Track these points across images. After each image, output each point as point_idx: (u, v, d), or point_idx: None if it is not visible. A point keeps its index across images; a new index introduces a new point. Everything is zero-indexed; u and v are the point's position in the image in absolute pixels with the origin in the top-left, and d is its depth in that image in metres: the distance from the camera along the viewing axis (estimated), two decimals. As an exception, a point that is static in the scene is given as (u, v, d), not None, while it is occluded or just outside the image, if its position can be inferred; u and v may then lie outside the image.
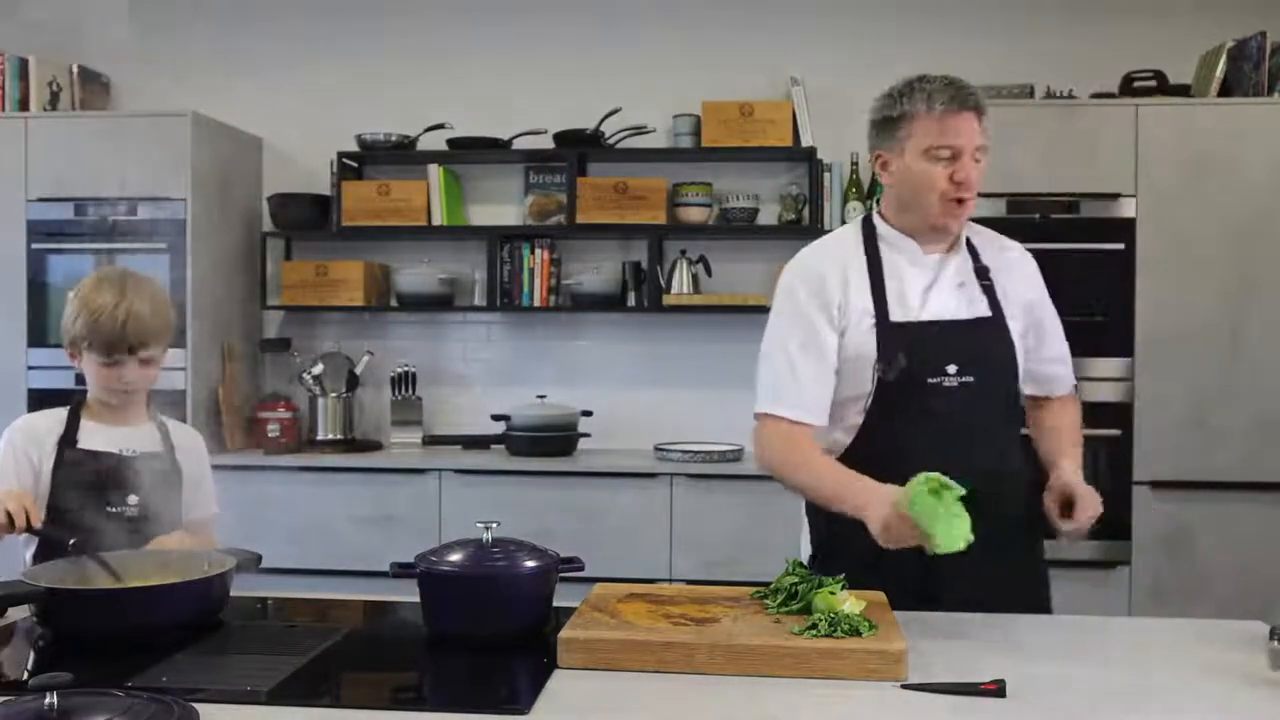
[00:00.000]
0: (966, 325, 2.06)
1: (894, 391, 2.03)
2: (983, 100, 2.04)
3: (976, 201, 2.07)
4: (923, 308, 2.06)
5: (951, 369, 2.01)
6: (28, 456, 2.08)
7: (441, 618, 1.71)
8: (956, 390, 2.02)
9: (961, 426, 2.01)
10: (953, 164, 2.00)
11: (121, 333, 2.07)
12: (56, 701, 1.25)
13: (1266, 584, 3.70)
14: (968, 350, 2.03)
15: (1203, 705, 1.47)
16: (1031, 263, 2.20)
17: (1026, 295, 2.15)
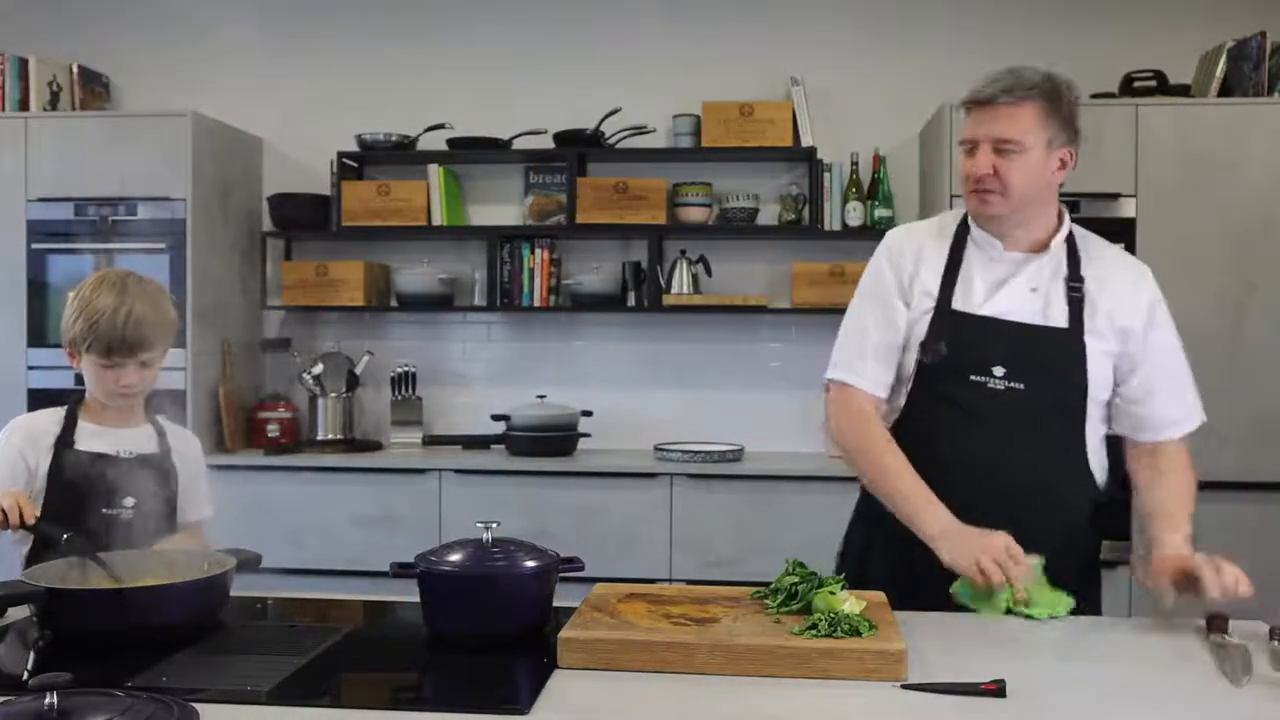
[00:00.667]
0: (1029, 330, 2.00)
1: (934, 380, 2.03)
2: (1021, 90, 1.95)
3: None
4: (984, 303, 2.02)
5: (999, 370, 1.98)
6: (23, 456, 2.08)
7: (441, 618, 1.71)
8: (1002, 393, 1.98)
9: (1001, 432, 1.98)
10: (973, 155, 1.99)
11: (121, 336, 2.06)
12: (56, 701, 1.25)
13: (1266, 584, 3.68)
14: (1022, 355, 1.99)
15: (1202, 705, 1.47)
16: (1148, 289, 2.07)
17: (1126, 319, 2.02)
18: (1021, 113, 1.95)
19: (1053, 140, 1.98)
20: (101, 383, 2.12)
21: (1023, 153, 1.96)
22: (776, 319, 4.39)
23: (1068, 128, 2.00)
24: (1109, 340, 2.02)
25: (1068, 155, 2.02)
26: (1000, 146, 1.96)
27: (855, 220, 4.23)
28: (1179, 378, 2.09)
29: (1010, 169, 1.96)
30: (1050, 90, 1.97)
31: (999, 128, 1.96)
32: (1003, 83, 1.96)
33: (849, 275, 4.19)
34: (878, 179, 4.27)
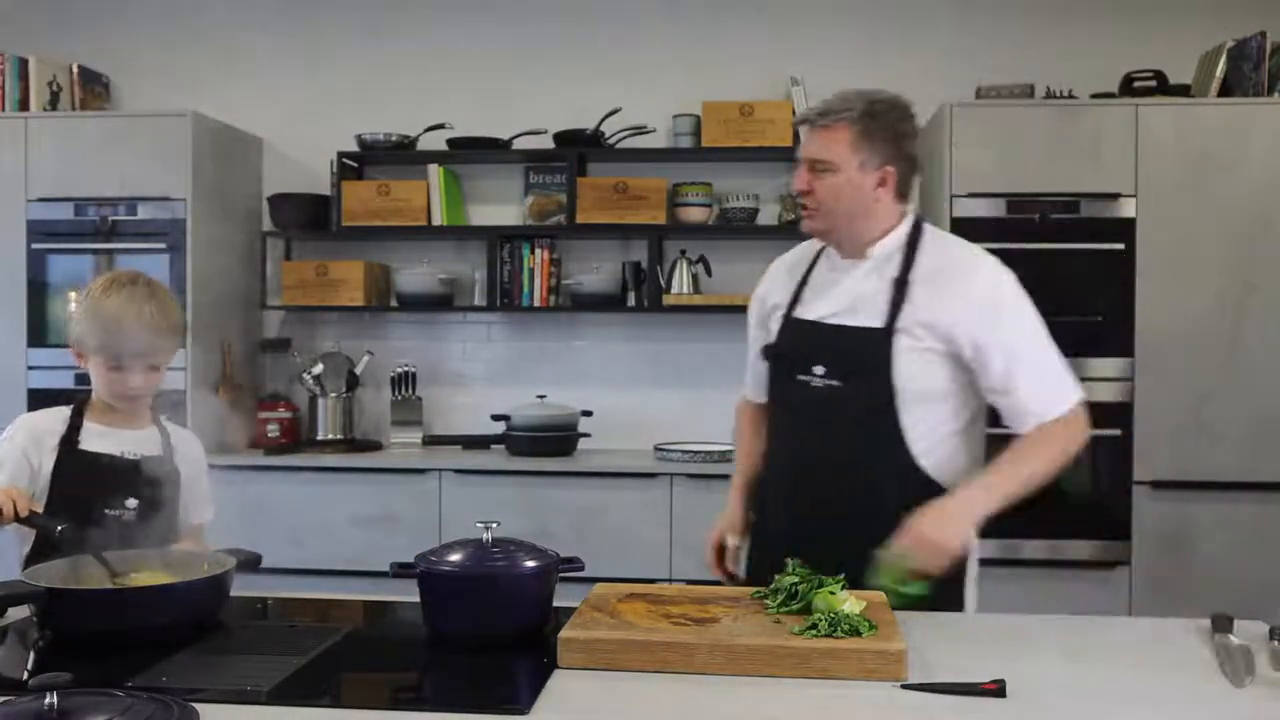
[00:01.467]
0: (844, 330, 2.10)
1: (773, 380, 2.23)
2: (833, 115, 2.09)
3: (978, 201, 2.09)
4: (809, 307, 2.18)
5: (819, 370, 2.11)
6: (26, 455, 2.08)
7: (441, 618, 1.71)
8: (822, 391, 2.10)
9: (821, 427, 2.11)
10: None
11: (130, 339, 2.06)
12: (56, 701, 1.25)
13: (1266, 584, 3.69)
14: (839, 354, 2.10)
15: (1203, 705, 1.47)
16: (982, 287, 2.09)
17: (950, 318, 2.05)
18: (833, 136, 2.08)
19: (866, 162, 2.08)
20: (108, 384, 2.12)
21: (834, 173, 2.08)
22: (776, 319, 4.38)
23: (886, 148, 2.10)
24: (926, 339, 2.05)
25: (888, 174, 2.11)
26: (815, 166, 2.10)
27: (855, 220, 4.23)
28: (1037, 369, 2.10)
29: (822, 187, 2.10)
30: (866, 113, 2.09)
31: (813, 149, 2.11)
32: (821, 106, 2.12)
33: (849, 275, 4.18)
34: (878, 179, 4.26)
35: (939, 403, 2.09)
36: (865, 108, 2.09)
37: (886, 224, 2.14)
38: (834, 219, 2.12)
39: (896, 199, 2.14)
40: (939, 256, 2.13)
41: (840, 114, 2.08)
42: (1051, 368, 2.12)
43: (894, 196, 2.13)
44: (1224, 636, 1.70)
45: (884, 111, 2.11)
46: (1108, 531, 3.83)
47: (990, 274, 2.12)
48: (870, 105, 2.10)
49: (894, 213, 2.15)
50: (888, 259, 2.12)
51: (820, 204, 2.10)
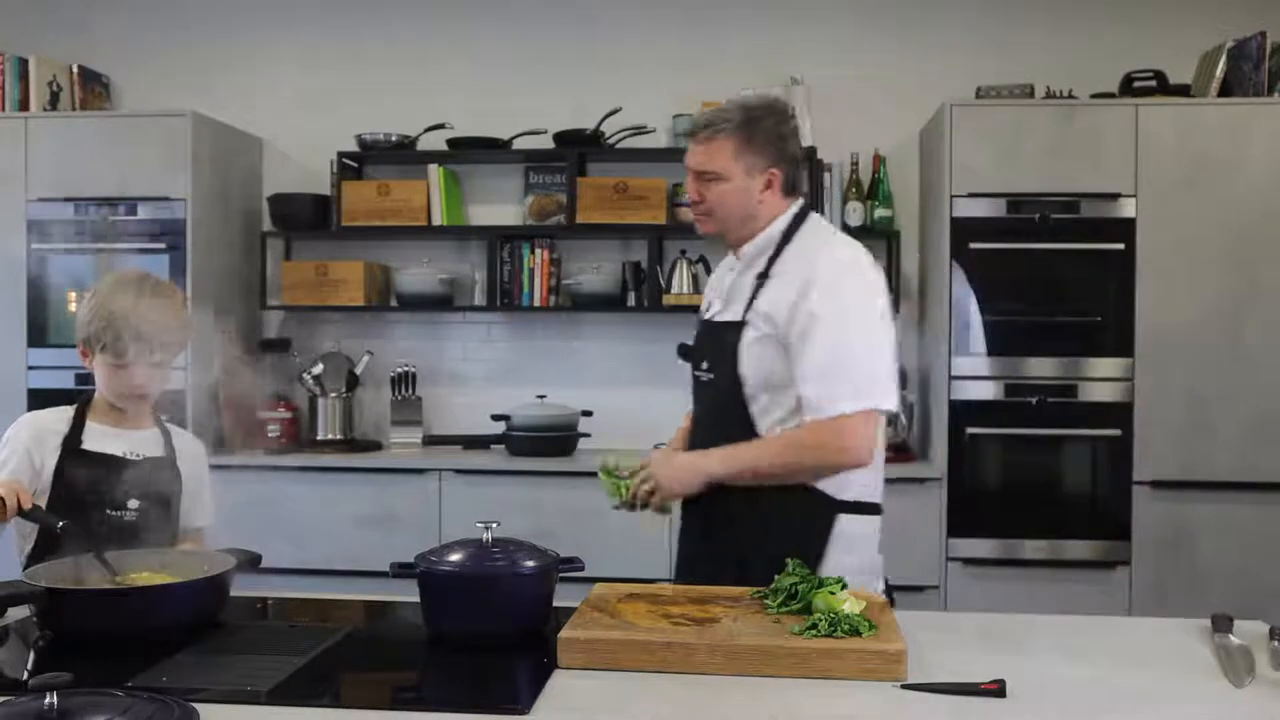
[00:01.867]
0: (716, 326, 2.24)
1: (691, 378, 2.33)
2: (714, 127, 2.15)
3: (978, 201, 2.10)
4: (709, 303, 2.33)
5: (705, 364, 2.24)
6: (29, 454, 2.08)
7: (441, 618, 1.71)
8: (705, 384, 2.24)
9: (705, 419, 2.26)
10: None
11: (136, 335, 2.07)
12: (56, 701, 1.25)
13: (1266, 584, 3.70)
14: (712, 349, 2.22)
15: (1203, 705, 1.47)
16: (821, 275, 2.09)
17: (780, 307, 2.09)
18: (716, 147, 2.16)
19: (751, 167, 2.16)
20: (113, 382, 2.12)
21: (721, 181, 2.17)
22: (776, 319, 4.38)
23: (769, 152, 2.17)
24: (764, 327, 2.12)
25: (773, 176, 2.18)
26: (703, 175, 2.18)
27: (855, 220, 4.23)
28: (827, 364, 2.05)
29: (711, 195, 2.18)
30: (746, 122, 2.15)
31: (698, 160, 2.19)
32: (703, 119, 2.21)
33: (849, 275, 4.18)
34: (878, 179, 4.27)
35: (785, 392, 2.11)
36: (744, 117, 2.16)
37: (767, 222, 2.21)
38: (725, 222, 2.21)
39: (784, 196, 2.21)
40: (800, 249, 2.18)
41: (721, 126, 2.16)
42: (847, 368, 2.05)
43: (781, 195, 2.20)
44: (1224, 636, 1.70)
45: (762, 117, 2.17)
46: (1108, 531, 3.84)
47: (826, 265, 2.12)
48: (749, 114, 2.17)
49: (778, 210, 2.21)
50: (760, 254, 2.20)
51: (711, 210, 2.20)
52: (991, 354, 3.88)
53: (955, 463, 3.88)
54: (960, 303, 3.88)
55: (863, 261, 2.15)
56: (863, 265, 2.15)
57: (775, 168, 2.17)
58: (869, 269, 2.15)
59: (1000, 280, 3.89)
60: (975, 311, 3.88)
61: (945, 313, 3.89)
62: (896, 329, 4.29)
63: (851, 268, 2.13)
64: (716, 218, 2.21)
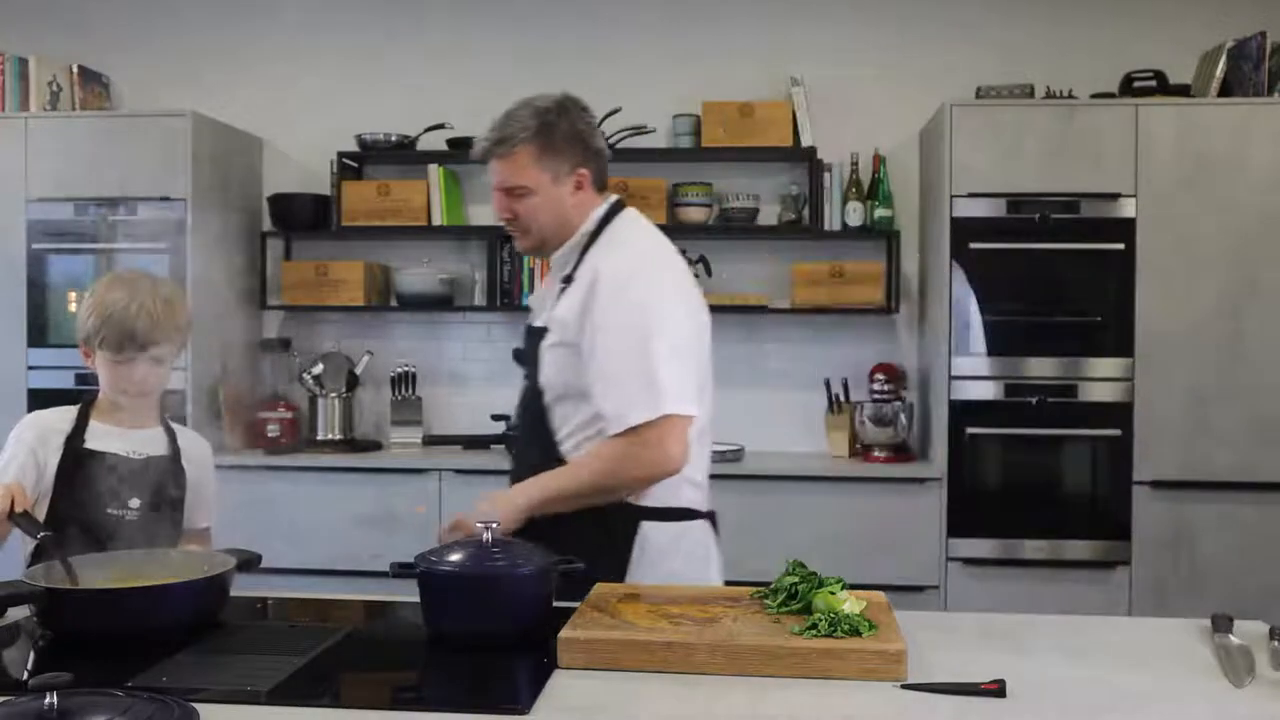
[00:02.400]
0: (529, 332, 2.20)
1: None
2: (508, 142, 2.08)
3: (978, 201, 2.07)
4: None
5: (525, 371, 2.21)
6: (33, 454, 2.08)
7: (441, 618, 1.71)
8: (526, 390, 2.21)
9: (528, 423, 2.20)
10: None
11: (132, 330, 2.06)
12: (56, 701, 1.25)
13: (1266, 584, 3.70)
14: (528, 354, 2.19)
15: (1203, 705, 1.47)
16: (608, 281, 2.03)
17: (571, 312, 2.05)
18: (516, 161, 2.08)
19: (557, 173, 2.09)
20: (113, 380, 2.12)
21: (530, 194, 2.09)
22: (776, 319, 4.39)
23: (572, 153, 2.10)
24: (559, 334, 2.08)
25: (582, 176, 2.12)
26: (511, 191, 2.10)
27: (855, 220, 4.24)
28: (619, 373, 2.00)
29: (523, 209, 2.11)
30: (541, 128, 2.08)
31: (501, 177, 2.11)
32: (495, 134, 2.10)
33: (849, 275, 4.19)
34: (878, 179, 4.27)
35: (584, 400, 2.05)
36: (539, 123, 2.08)
37: (581, 223, 2.15)
38: (543, 234, 2.14)
39: (596, 194, 2.17)
40: (598, 253, 2.11)
41: (517, 138, 2.07)
42: (640, 375, 1.98)
43: (594, 193, 2.16)
44: (1224, 636, 1.70)
45: (557, 119, 2.11)
46: (1108, 531, 3.84)
47: (611, 269, 2.05)
48: (543, 117, 2.09)
49: (590, 208, 2.16)
50: (568, 257, 2.14)
51: (526, 226, 2.12)
52: (991, 354, 3.88)
53: (955, 463, 3.88)
54: (960, 303, 3.88)
55: (654, 259, 2.10)
56: (652, 264, 2.09)
57: (582, 167, 2.11)
58: (662, 267, 2.10)
59: (1000, 280, 3.89)
60: (975, 311, 3.88)
61: (945, 313, 3.90)
62: (898, 328, 4.27)
63: (638, 269, 2.07)
64: (533, 232, 2.13)
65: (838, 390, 4.28)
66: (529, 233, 2.14)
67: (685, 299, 2.10)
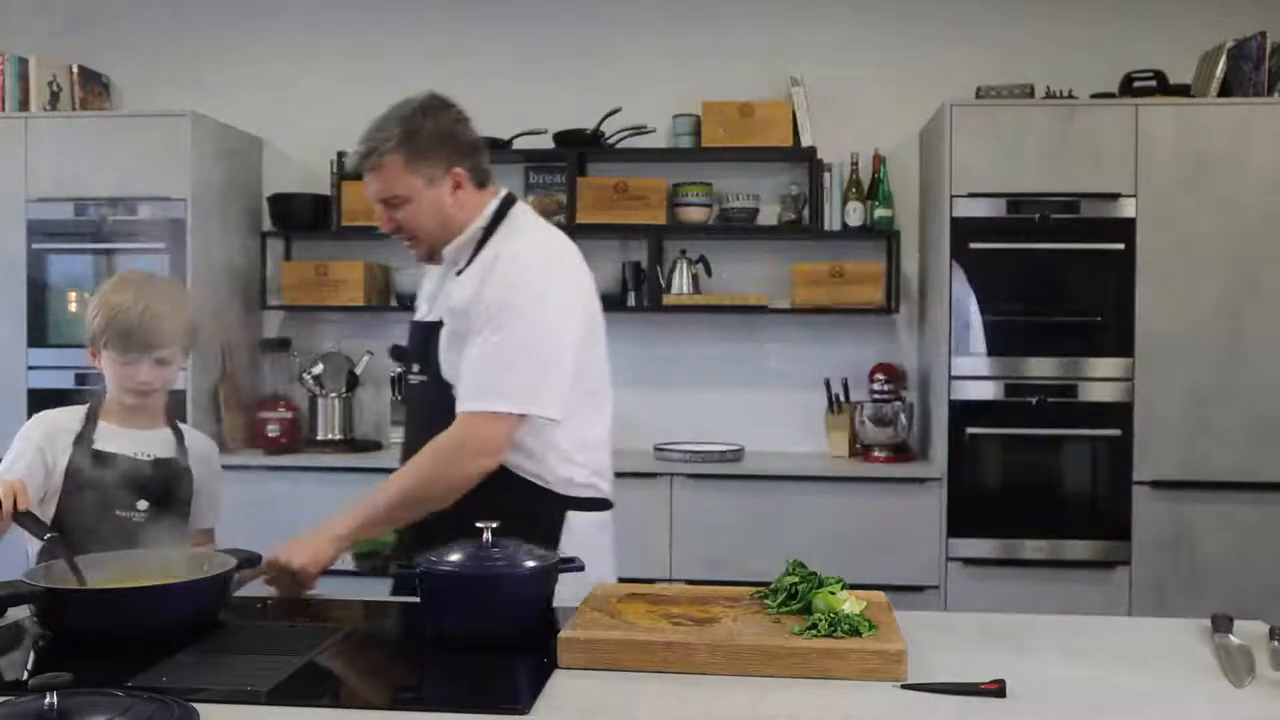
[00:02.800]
0: (420, 326, 2.18)
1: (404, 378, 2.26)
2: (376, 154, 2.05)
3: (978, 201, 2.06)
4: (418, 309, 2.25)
5: (415, 367, 2.18)
6: (41, 453, 2.08)
7: (441, 618, 1.71)
8: (417, 387, 2.17)
9: (417, 421, 2.16)
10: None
11: (137, 330, 2.07)
12: (56, 701, 1.25)
13: (1266, 584, 3.70)
14: (420, 351, 2.16)
15: (1203, 705, 1.47)
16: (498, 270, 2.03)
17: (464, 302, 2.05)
18: (387, 170, 2.05)
19: (431, 177, 2.07)
20: (119, 380, 2.13)
21: (407, 202, 2.07)
22: (776, 319, 4.39)
23: (443, 154, 2.08)
24: (455, 324, 2.07)
25: (458, 175, 2.10)
26: (389, 203, 2.08)
27: (855, 220, 4.24)
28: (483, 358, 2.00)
29: (405, 219, 2.09)
30: (406, 136, 2.05)
31: (376, 189, 2.08)
32: (363, 147, 2.07)
33: (849, 275, 4.19)
34: (878, 179, 4.27)
35: None
36: (404, 128, 2.06)
37: (471, 220, 2.13)
38: (430, 240, 2.12)
39: (478, 189, 2.14)
40: (494, 246, 2.10)
41: (383, 149, 2.05)
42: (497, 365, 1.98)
43: (474, 190, 2.13)
44: (1224, 636, 1.70)
45: (422, 122, 2.09)
46: (1108, 531, 3.84)
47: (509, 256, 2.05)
48: (407, 123, 2.07)
49: (478, 205, 2.14)
50: (461, 252, 2.13)
51: (412, 233, 2.11)
52: (991, 354, 3.88)
53: (955, 463, 3.88)
54: (960, 303, 3.88)
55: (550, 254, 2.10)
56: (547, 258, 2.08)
57: (456, 166, 2.09)
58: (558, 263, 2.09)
59: (1000, 280, 3.89)
60: (975, 311, 3.88)
61: (945, 313, 3.90)
62: (898, 328, 4.27)
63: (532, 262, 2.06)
64: (421, 239, 2.12)
65: (838, 390, 4.28)
66: (417, 240, 2.13)
67: (578, 298, 2.10)
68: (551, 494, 2.08)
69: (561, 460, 2.08)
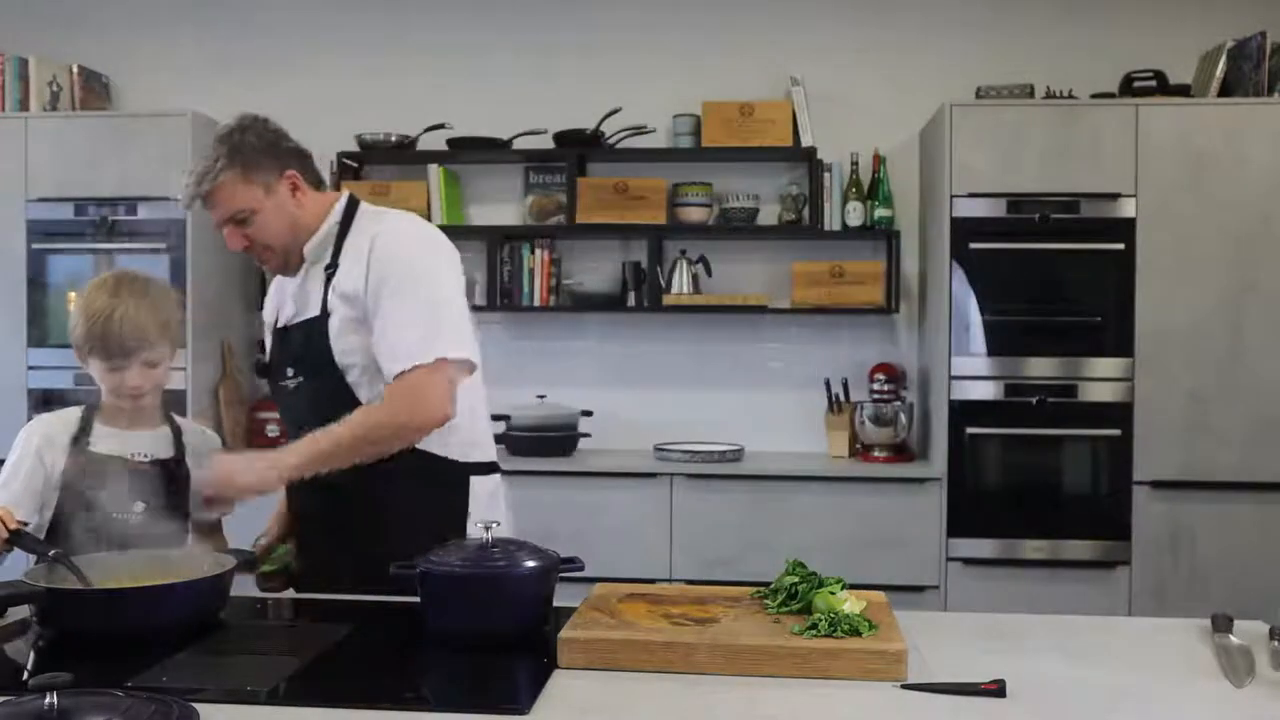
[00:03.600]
0: (295, 329, 2.16)
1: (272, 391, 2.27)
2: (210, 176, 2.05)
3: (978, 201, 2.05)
4: (283, 315, 2.21)
5: (289, 371, 2.17)
6: (40, 457, 2.07)
7: (441, 618, 1.71)
8: (294, 391, 2.17)
9: (299, 425, 2.10)
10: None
11: (117, 337, 2.05)
12: (56, 701, 1.25)
13: (1266, 584, 3.70)
14: (295, 353, 2.16)
15: (1203, 705, 1.47)
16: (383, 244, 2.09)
17: (354, 284, 2.07)
18: (225, 189, 2.07)
19: (268, 185, 2.10)
20: (109, 385, 2.12)
21: (253, 214, 2.09)
22: (776, 319, 4.39)
23: (272, 161, 2.10)
24: (341, 309, 2.08)
25: (292, 178, 2.12)
26: (235, 220, 2.10)
27: (855, 220, 4.24)
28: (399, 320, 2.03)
29: (255, 232, 2.11)
30: (231, 150, 2.07)
31: (220, 212, 2.10)
32: (194, 177, 2.07)
33: (849, 275, 4.19)
34: (878, 179, 4.27)
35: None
36: (228, 146, 2.07)
37: (319, 221, 2.16)
38: (284, 246, 2.14)
39: (316, 191, 2.17)
40: (360, 232, 2.14)
41: (215, 170, 2.06)
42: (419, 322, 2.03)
43: (312, 190, 2.16)
44: (1224, 636, 1.70)
45: (242, 135, 2.10)
46: (1108, 531, 3.84)
47: (388, 230, 2.12)
48: (229, 141, 2.08)
49: (323, 206, 2.17)
50: (321, 251, 2.15)
51: (265, 244, 2.13)
52: (991, 354, 3.88)
53: (955, 463, 3.88)
54: (960, 303, 3.89)
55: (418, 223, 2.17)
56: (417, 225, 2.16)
57: (287, 169, 2.12)
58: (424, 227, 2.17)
59: (1000, 280, 3.89)
60: (975, 311, 3.88)
61: (945, 313, 3.90)
62: (898, 328, 4.29)
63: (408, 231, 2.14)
64: (274, 248, 2.14)
65: (838, 390, 4.28)
66: (271, 250, 2.14)
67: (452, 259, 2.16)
68: (456, 464, 2.14)
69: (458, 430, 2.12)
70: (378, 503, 2.05)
